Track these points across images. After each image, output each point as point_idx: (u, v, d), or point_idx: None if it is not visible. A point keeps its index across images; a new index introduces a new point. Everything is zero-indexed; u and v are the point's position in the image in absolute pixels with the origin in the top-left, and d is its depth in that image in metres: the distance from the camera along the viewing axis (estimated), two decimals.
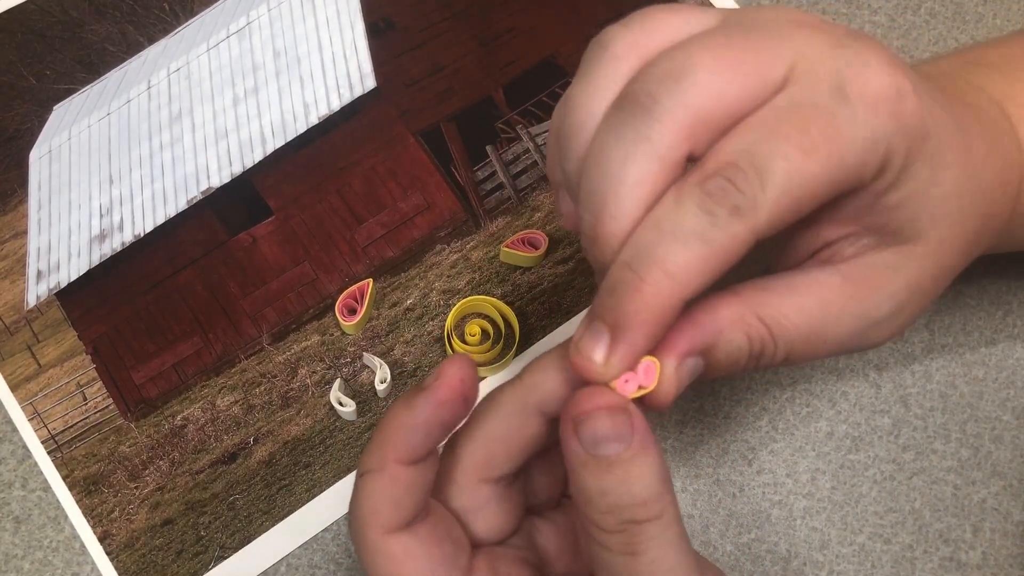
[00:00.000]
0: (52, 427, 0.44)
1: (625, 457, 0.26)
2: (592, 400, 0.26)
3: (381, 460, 0.28)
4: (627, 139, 0.26)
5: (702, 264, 0.25)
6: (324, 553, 0.42)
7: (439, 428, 0.28)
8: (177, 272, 0.47)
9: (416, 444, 0.28)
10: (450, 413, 0.28)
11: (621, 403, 0.26)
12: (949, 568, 0.41)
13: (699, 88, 0.25)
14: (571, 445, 0.26)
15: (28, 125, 0.50)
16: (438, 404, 0.28)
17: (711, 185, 0.25)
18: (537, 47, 0.51)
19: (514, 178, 0.49)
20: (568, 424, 0.27)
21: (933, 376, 0.44)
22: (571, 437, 0.26)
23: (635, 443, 0.26)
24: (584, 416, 0.26)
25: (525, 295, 0.46)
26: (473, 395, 0.29)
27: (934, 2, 0.52)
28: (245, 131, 0.49)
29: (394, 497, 0.28)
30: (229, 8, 0.52)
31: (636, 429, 0.26)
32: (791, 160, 0.25)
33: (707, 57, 0.26)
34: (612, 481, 0.26)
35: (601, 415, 0.26)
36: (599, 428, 0.26)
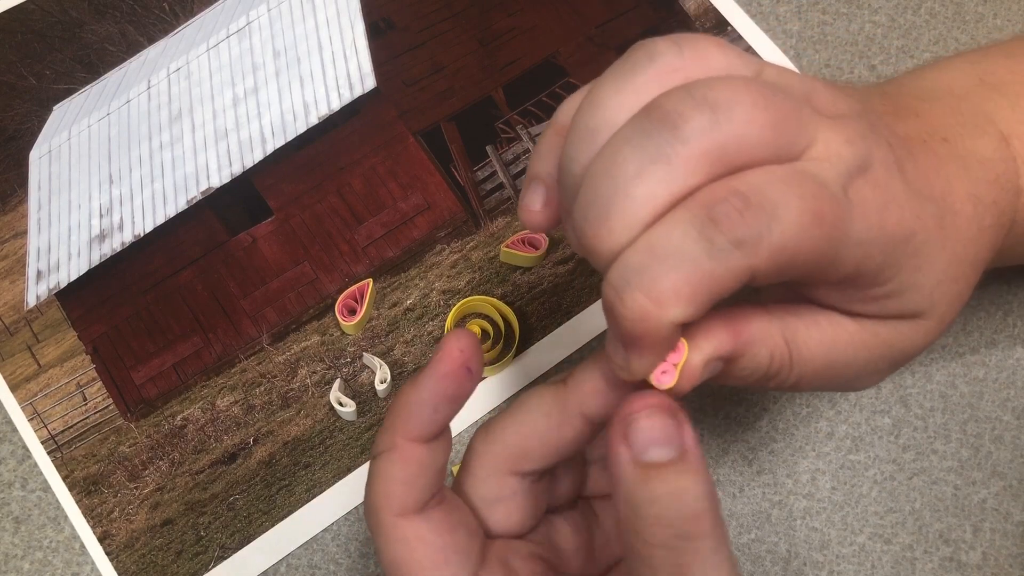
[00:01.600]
0: (52, 427, 0.44)
1: (676, 465, 0.25)
2: (644, 400, 0.26)
3: (392, 440, 0.28)
4: (646, 153, 0.25)
5: (692, 293, 0.24)
6: (324, 553, 0.42)
7: (446, 402, 0.28)
8: (177, 272, 0.47)
9: (425, 420, 0.28)
10: (454, 385, 0.28)
11: (669, 407, 0.26)
12: (949, 568, 0.41)
13: (734, 124, 0.24)
14: (619, 449, 0.25)
15: (28, 125, 0.50)
16: (441, 377, 0.28)
17: (718, 210, 0.24)
18: (537, 47, 0.51)
19: (514, 178, 0.49)
20: (618, 427, 0.26)
21: (933, 376, 0.44)
22: (620, 441, 0.25)
23: (687, 452, 0.25)
24: (635, 417, 0.25)
25: (525, 295, 0.46)
26: (476, 365, 0.28)
27: (934, 2, 0.52)
28: (245, 131, 0.49)
29: (406, 477, 0.28)
30: (229, 8, 0.52)
31: (686, 436, 0.25)
32: (803, 216, 0.24)
33: (749, 99, 0.25)
34: (662, 489, 0.25)
35: (654, 415, 0.25)
36: (651, 430, 0.25)
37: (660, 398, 0.26)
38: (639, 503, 0.25)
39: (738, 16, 0.51)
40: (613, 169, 0.25)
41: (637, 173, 0.25)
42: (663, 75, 0.26)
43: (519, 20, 0.52)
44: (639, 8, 0.52)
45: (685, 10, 0.52)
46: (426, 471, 0.28)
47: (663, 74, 0.26)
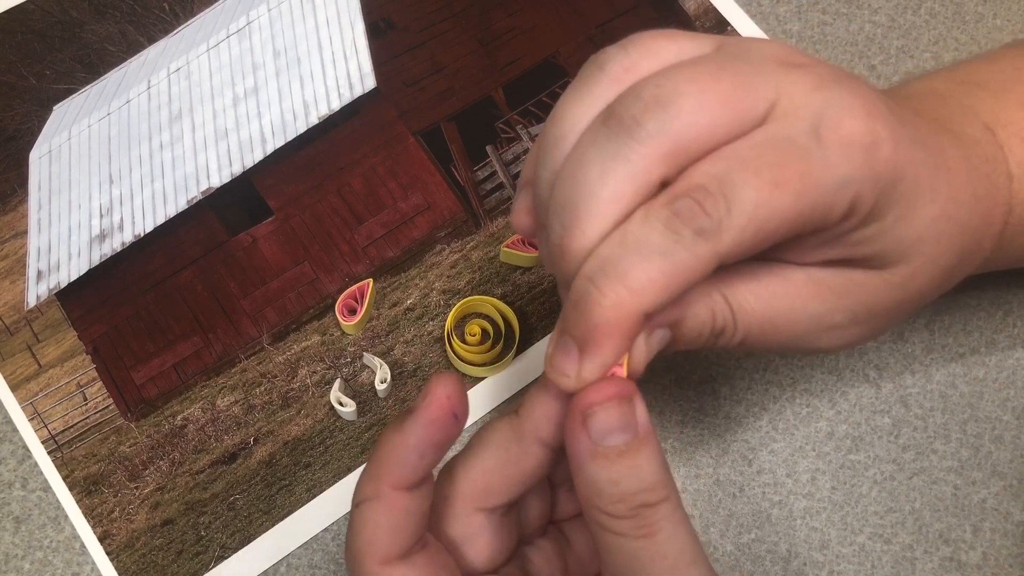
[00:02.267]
0: (52, 427, 0.44)
1: (633, 446, 0.27)
2: (601, 392, 0.27)
3: (376, 488, 0.28)
4: (606, 155, 0.26)
5: (664, 280, 0.25)
6: (324, 553, 0.42)
7: (432, 449, 0.28)
8: (177, 272, 0.47)
9: (411, 467, 0.28)
10: (441, 432, 0.28)
11: (628, 393, 0.27)
12: (949, 568, 0.41)
13: (683, 117, 0.26)
14: (580, 439, 0.27)
15: (28, 125, 0.50)
16: (428, 424, 0.28)
17: (679, 205, 0.26)
18: (537, 47, 0.51)
19: (514, 178, 0.49)
20: (576, 419, 0.27)
21: (933, 376, 0.44)
22: (580, 431, 0.27)
23: (640, 432, 0.27)
24: (593, 409, 0.27)
25: (525, 295, 0.46)
26: (463, 411, 0.29)
27: (934, 2, 0.52)
28: (245, 131, 0.49)
29: (391, 525, 0.28)
30: (229, 8, 0.52)
31: (640, 420, 0.27)
32: (760, 191, 0.26)
33: (694, 87, 0.26)
34: (622, 470, 0.27)
35: (611, 406, 0.27)
36: (609, 419, 0.27)
37: (616, 386, 0.27)
38: (602, 485, 0.27)
39: (738, 16, 0.51)
40: (579, 172, 0.27)
41: (601, 174, 0.26)
42: (615, 79, 0.28)
43: (519, 20, 0.52)
44: (639, 8, 0.52)
45: (685, 10, 0.52)
46: (412, 518, 0.28)
47: (615, 79, 0.28)
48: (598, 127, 0.27)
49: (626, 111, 0.26)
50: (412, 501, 0.28)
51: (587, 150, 0.27)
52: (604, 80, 0.28)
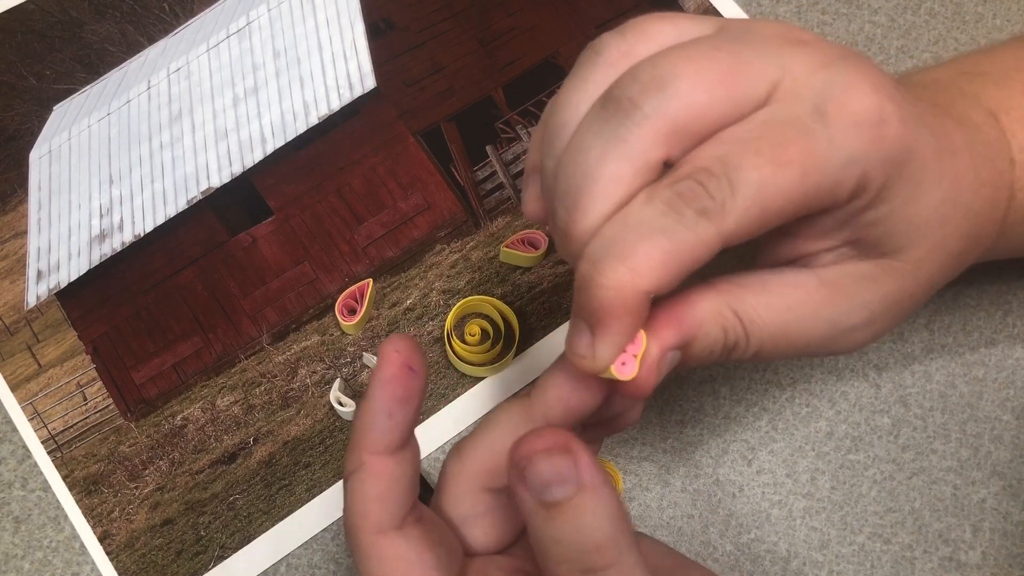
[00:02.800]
0: (52, 427, 0.44)
1: (574, 501, 0.25)
2: (532, 444, 0.26)
3: (358, 458, 0.28)
4: (605, 139, 0.26)
5: (665, 260, 0.25)
6: (324, 553, 0.42)
7: (398, 405, 0.28)
8: (177, 272, 0.47)
9: (382, 429, 0.28)
10: (401, 387, 0.28)
11: (562, 443, 0.25)
12: (949, 568, 0.41)
13: (679, 98, 0.26)
14: (519, 492, 0.26)
15: (28, 125, 0.50)
16: (386, 382, 0.28)
17: (682, 186, 0.26)
18: (537, 47, 0.51)
19: (514, 178, 0.49)
20: (514, 471, 0.26)
21: (933, 376, 0.44)
22: (518, 484, 0.26)
23: (583, 484, 0.25)
24: (526, 461, 0.25)
25: (525, 295, 0.46)
26: (416, 362, 0.28)
27: (934, 2, 0.52)
28: (245, 131, 0.49)
29: (379, 492, 0.28)
30: (229, 8, 0.52)
31: (582, 469, 0.25)
32: (763, 171, 0.25)
33: (690, 68, 0.26)
34: (563, 527, 0.25)
35: (541, 458, 0.25)
36: (542, 471, 0.25)
37: (553, 436, 0.26)
38: (546, 543, 0.26)
39: (738, 16, 0.51)
40: (579, 156, 0.27)
41: (601, 157, 0.26)
42: (612, 64, 0.28)
43: (519, 20, 0.52)
44: (639, 8, 0.52)
45: (685, 10, 0.52)
46: (397, 484, 0.28)
47: (612, 63, 0.28)
48: (596, 111, 0.27)
49: (623, 93, 0.26)
50: (395, 465, 0.28)
51: (586, 134, 0.27)
52: (602, 65, 0.28)
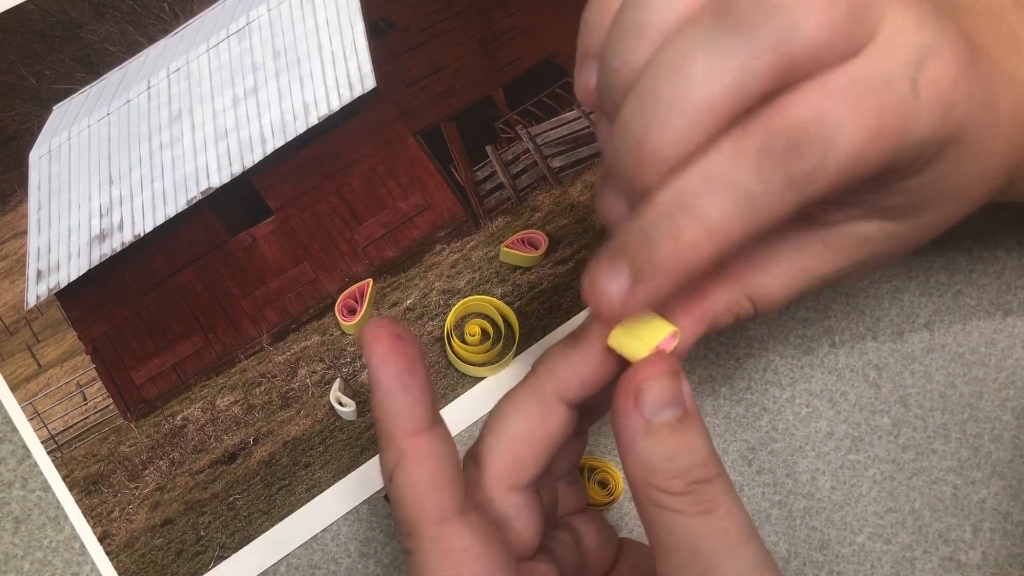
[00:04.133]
0: (52, 427, 0.44)
1: (683, 421, 0.27)
2: (653, 368, 0.27)
3: (397, 449, 0.27)
4: (716, 55, 0.23)
5: (744, 225, 0.24)
6: (324, 553, 0.42)
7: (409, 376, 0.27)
8: (177, 272, 0.47)
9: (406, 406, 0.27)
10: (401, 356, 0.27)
11: (676, 370, 0.27)
12: (949, 568, 0.41)
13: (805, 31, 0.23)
14: (632, 416, 0.27)
15: (28, 125, 0.50)
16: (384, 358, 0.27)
17: (775, 144, 0.24)
18: (537, 47, 0.51)
19: (514, 178, 0.49)
20: (628, 396, 0.27)
21: (933, 376, 0.44)
22: (631, 408, 0.27)
23: (688, 407, 0.27)
24: (646, 385, 0.27)
25: (525, 295, 0.46)
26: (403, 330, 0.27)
27: None
28: (245, 131, 0.49)
29: (430, 476, 0.27)
30: (229, 8, 0.52)
31: (687, 397, 0.27)
32: (859, 136, 0.24)
33: None
34: (677, 445, 0.26)
35: (662, 381, 0.27)
36: (661, 393, 0.27)
37: (667, 363, 0.27)
38: (657, 461, 0.27)
39: None
40: (681, 70, 0.24)
41: (706, 74, 0.23)
42: None
43: (519, 20, 0.52)
44: None
45: None
46: (445, 463, 0.27)
47: None
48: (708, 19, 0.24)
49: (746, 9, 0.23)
50: (436, 442, 0.27)
51: (694, 43, 0.24)
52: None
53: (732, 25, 0.23)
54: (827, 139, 0.24)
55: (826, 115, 0.24)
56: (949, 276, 0.46)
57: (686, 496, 0.27)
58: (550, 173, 0.49)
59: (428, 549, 0.26)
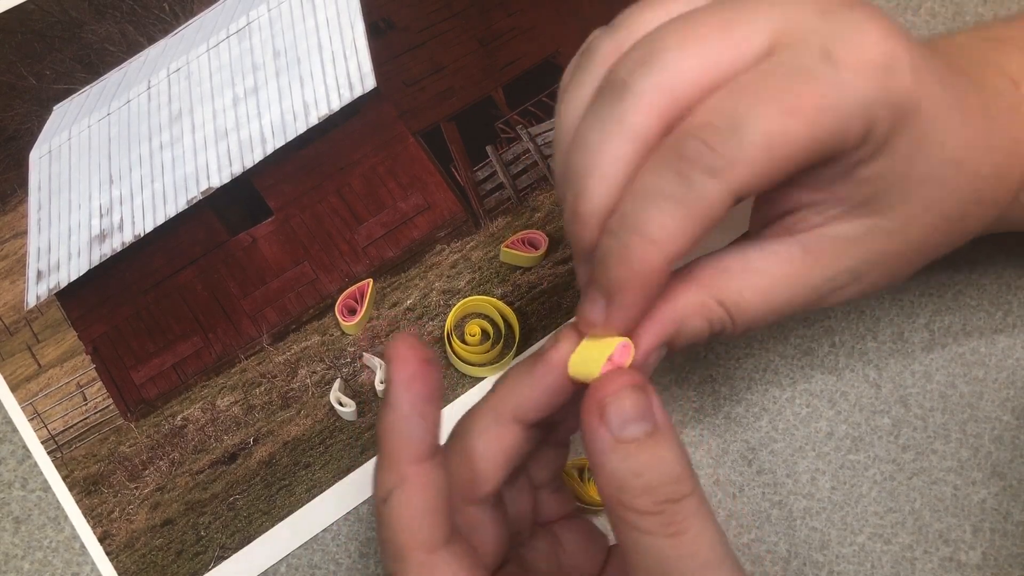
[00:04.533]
0: (52, 427, 0.44)
1: (653, 436, 0.26)
2: (610, 384, 0.27)
3: (398, 472, 0.27)
4: (602, 122, 0.27)
5: (683, 227, 0.25)
6: (324, 553, 0.42)
7: (427, 404, 0.27)
8: (177, 272, 0.47)
9: (419, 433, 0.27)
10: (424, 383, 0.27)
11: (639, 383, 0.27)
12: (949, 568, 0.41)
13: (668, 69, 0.26)
14: (598, 432, 0.26)
15: (28, 125, 0.50)
16: (408, 383, 0.27)
17: (686, 147, 0.25)
18: (537, 47, 0.51)
19: (514, 178, 0.49)
20: (593, 411, 0.27)
21: (933, 376, 0.44)
22: (598, 425, 0.26)
23: (658, 422, 0.27)
24: (610, 399, 0.26)
25: (525, 295, 0.46)
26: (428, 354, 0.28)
27: (934, 2, 0.52)
28: (245, 131, 0.49)
29: (427, 506, 0.27)
30: (229, 8, 0.52)
31: (656, 409, 0.27)
32: (771, 119, 0.25)
33: (675, 37, 0.26)
34: (645, 460, 0.26)
35: (625, 394, 0.26)
36: (625, 407, 0.26)
37: (629, 376, 0.27)
38: (624, 477, 0.26)
39: None
40: (582, 143, 0.27)
41: (600, 139, 0.27)
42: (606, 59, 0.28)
43: (519, 20, 0.52)
44: None
45: None
46: (441, 494, 0.27)
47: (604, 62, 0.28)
48: (593, 100, 0.28)
49: (615, 76, 0.27)
50: (437, 472, 0.27)
51: (585, 122, 0.28)
52: (595, 64, 0.29)
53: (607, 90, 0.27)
54: (735, 128, 0.25)
55: (730, 109, 0.25)
56: (949, 276, 0.46)
57: (655, 515, 0.26)
58: (550, 173, 0.49)
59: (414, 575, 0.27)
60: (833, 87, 0.25)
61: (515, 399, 0.30)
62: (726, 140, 0.25)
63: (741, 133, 0.25)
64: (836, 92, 0.25)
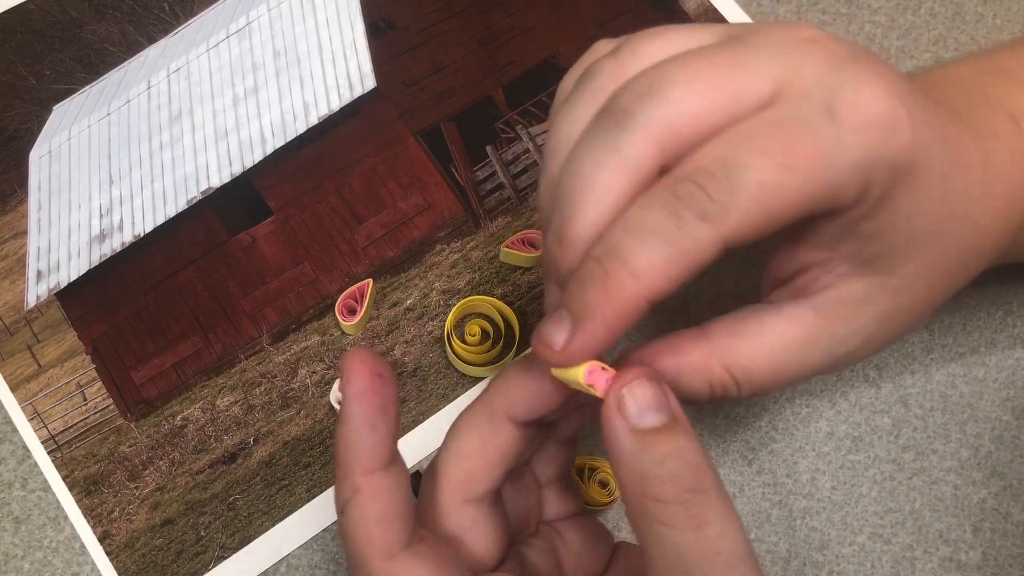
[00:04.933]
0: (52, 427, 0.44)
1: (671, 426, 0.26)
2: (624, 376, 0.27)
3: (352, 483, 0.27)
4: (599, 148, 0.27)
5: (666, 266, 0.25)
6: (324, 553, 0.42)
7: (378, 415, 0.28)
8: (177, 272, 0.47)
9: (369, 445, 0.27)
10: (377, 396, 0.28)
11: (652, 374, 0.27)
12: (949, 568, 0.41)
13: (672, 104, 0.26)
14: (617, 423, 0.26)
15: (28, 125, 0.50)
16: (359, 396, 0.27)
17: (681, 188, 0.25)
18: (537, 47, 0.51)
19: (514, 178, 0.49)
20: (611, 405, 0.27)
21: (933, 376, 0.44)
22: (615, 416, 0.26)
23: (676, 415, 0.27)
24: (627, 389, 0.26)
25: (525, 295, 0.46)
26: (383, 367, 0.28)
27: (934, 2, 0.52)
28: (245, 131, 0.49)
29: (380, 513, 0.27)
30: (229, 8, 0.52)
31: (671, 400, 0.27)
32: (766, 171, 0.25)
33: (683, 73, 0.26)
34: (666, 449, 0.26)
35: (642, 383, 0.26)
36: (643, 396, 0.26)
37: (643, 368, 0.27)
38: (647, 467, 0.26)
39: (738, 16, 0.51)
40: (575, 167, 0.27)
41: (595, 166, 0.26)
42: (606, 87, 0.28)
43: (519, 20, 0.52)
44: (639, 8, 0.52)
45: (685, 10, 0.52)
46: (397, 501, 0.28)
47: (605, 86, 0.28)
48: (592, 124, 0.28)
49: (617, 104, 0.27)
50: (392, 481, 0.28)
51: (581, 145, 0.27)
52: (595, 88, 0.28)
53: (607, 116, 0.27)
54: (731, 177, 0.25)
55: (728, 157, 0.25)
56: None
57: (678, 506, 0.26)
58: None
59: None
60: (832, 144, 0.25)
61: (508, 398, 0.30)
62: (721, 186, 0.25)
63: (736, 183, 0.25)
64: (834, 150, 0.25)
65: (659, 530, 0.26)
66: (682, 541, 0.26)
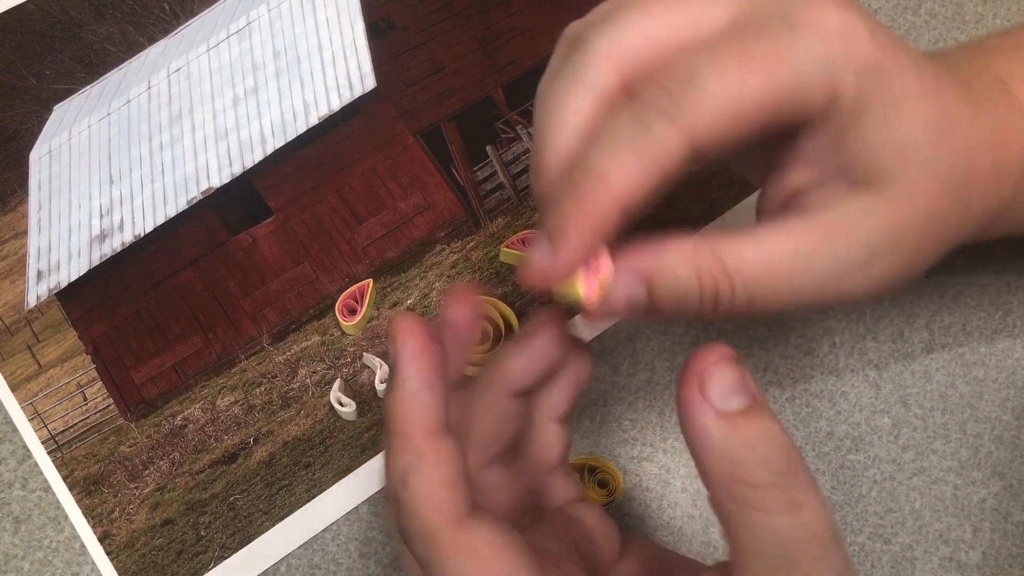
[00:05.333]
0: (52, 427, 0.44)
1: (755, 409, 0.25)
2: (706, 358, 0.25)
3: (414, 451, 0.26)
4: (563, 78, 0.28)
5: (636, 172, 0.25)
6: (324, 553, 0.42)
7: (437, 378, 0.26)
8: (177, 272, 0.47)
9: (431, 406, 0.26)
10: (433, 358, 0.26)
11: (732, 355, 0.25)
12: (949, 568, 0.41)
13: (628, 27, 0.27)
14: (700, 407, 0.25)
15: (28, 125, 0.50)
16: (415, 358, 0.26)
17: (644, 95, 0.26)
18: (537, 47, 0.51)
19: (514, 178, 0.49)
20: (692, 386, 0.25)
21: (933, 376, 0.44)
22: (698, 399, 0.25)
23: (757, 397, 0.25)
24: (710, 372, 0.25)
25: (525, 295, 0.46)
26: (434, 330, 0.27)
27: (934, 2, 0.52)
28: (245, 131, 0.49)
29: (448, 478, 0.26)
30: (229, 8, 0.52)
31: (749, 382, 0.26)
32: (728, 73, 0.25)
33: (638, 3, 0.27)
34: (755, 430, 0.25)
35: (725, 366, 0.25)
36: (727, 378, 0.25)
37: (722, 349, 0.26)
38: (738, 452, 0.25)
39: None
40: (544, 104, 0.28)
41: (558, 95, 0.28)
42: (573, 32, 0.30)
43: (519, 20, 0.52)
44: None
45: None
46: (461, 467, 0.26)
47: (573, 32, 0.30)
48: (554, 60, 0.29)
49: (574, 34, 0.28)
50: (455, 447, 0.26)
51: (546, 81, 0.29)
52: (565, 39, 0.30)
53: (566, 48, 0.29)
54: (692, 78, 0.26)
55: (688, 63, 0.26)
56: (949, 276, 0.46)
57: (773, 490, 0.24)
58: None
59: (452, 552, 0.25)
60: (792, 46, 0.26)
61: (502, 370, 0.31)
62: (682, 88, 0.25)
63: (698, 83, 0.25)
64: (794, 50, 0.26)
65: (754, 516, 0.25)
66: (780, 526, 0.24)
